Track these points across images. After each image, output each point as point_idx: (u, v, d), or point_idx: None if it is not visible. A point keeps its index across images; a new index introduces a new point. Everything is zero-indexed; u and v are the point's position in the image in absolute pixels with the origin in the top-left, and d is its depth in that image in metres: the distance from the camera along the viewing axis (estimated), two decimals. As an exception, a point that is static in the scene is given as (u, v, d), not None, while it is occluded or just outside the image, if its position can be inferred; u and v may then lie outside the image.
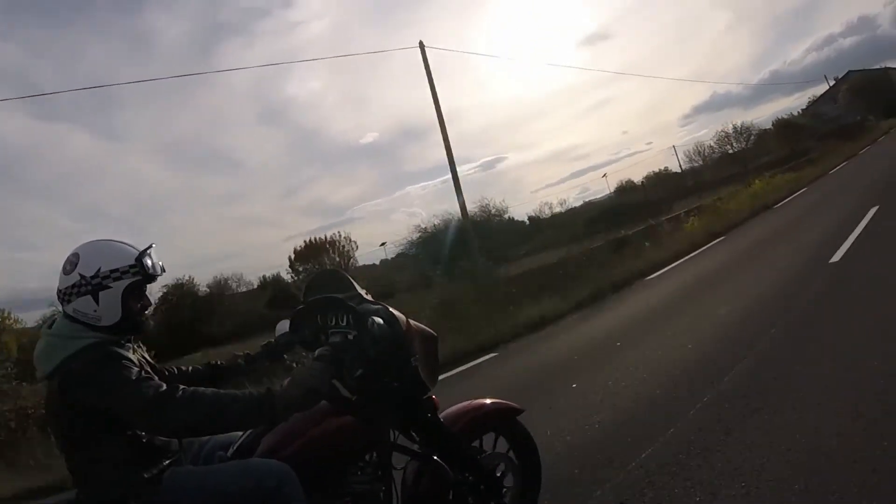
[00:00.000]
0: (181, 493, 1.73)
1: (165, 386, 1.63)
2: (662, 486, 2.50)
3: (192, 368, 2.21)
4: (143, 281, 1.81)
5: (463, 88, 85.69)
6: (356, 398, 1.99)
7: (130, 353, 1.77)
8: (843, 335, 3.81)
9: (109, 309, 1.74)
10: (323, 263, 33.73)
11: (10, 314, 26.39)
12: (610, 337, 5.86)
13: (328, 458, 1.93)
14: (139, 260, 1.79)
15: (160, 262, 1.86)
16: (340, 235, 33.39)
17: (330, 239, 33.44)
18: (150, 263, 1.81)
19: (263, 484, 1.73)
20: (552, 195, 61.45)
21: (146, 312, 1.88)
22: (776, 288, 5.71)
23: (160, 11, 66.06)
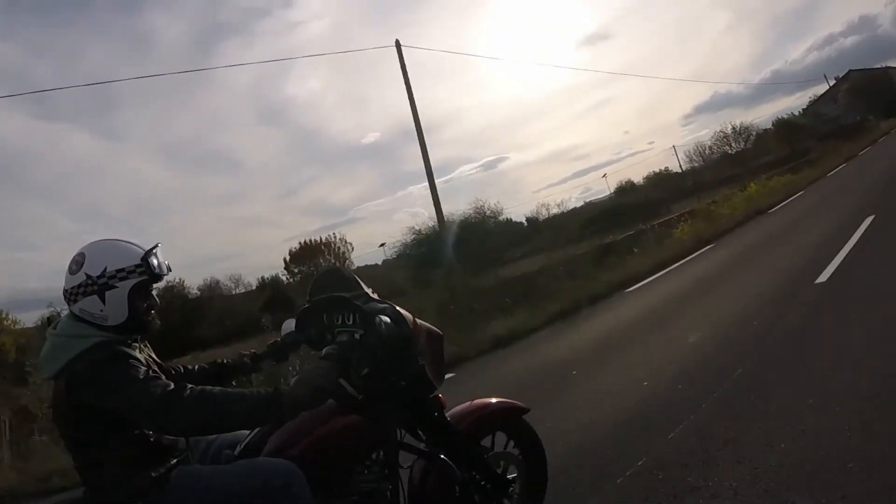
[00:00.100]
0: (189, 492, 1.71)
1: (173, 385, 1.61)
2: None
3: (197, 367, 2.20)
4: (149, 280, 1.79)
5: (464, 88, 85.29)
6: (363, 397, 1.96)
7: (137, 352, 1.75)
8: (816, 384, 3.26)
9: (116, 308, 1.73)
10: (318, 265, 33.37)
11: (7, 315, 26.14)
12: (567, 364, 5.37)
13: (335, 457, 1.92)
14: (145, 259, 1.77)
15: (166, 261, 1.84)
16: (335, 237, 32.99)
17: (325, 240, 32.97)
18: (156, 263, 1.79)
19: (271, 483, 1.71)
20: (554, 195, 61.07)
21: (153, 312, 1.85)
22: (751, 314, 5.22)
23: (160, 11, 65.85)
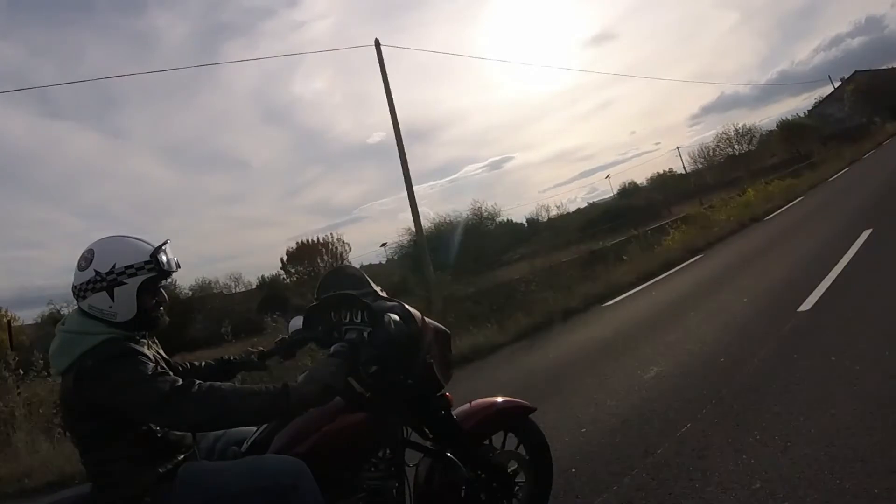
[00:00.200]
0: (196, 488, 1.69)
1: (182, 381, 1.60)
2: None
3: (204, 364, 2.19)
4: (158, 277, 1.78)
5: (470, 89, 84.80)
6: (370, 395, 1.93)
7: (145, 348, 1.74)
8: (786, 433, 2.79)
9: (124, 305, 1.72)
10: (315, 265, 32.96)
11: (7, 312, 25.99)
12: (517, 394, 4.61)
13: (342, 454, 1.89)
14: (154, 256, 1.76)
15: (175, 258, 1.83)
16: (333, 237, 32.48)
17: (323, 241, 32.54)
18: (165, 259, 1.78)
19: (279, 480, 1.70)
20: (560, 195, 60.38)
21: (161, 308, 1.84)
22: (720, 348, 4.59)
23: (165, 11, 65.74)
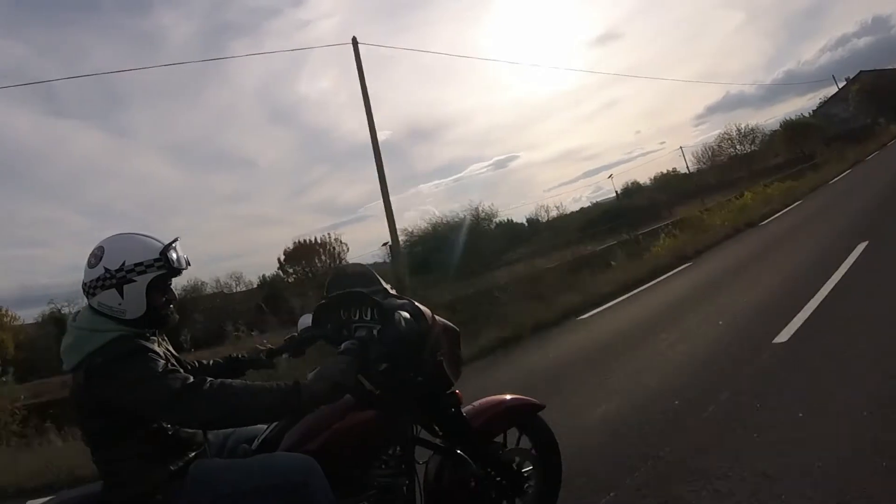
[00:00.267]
0: (207, 486, 1.68)
1: (192, 378, 1.60)
2: None
3: (212, 362, 2.17)
4: (167, 275, 1.77)
5: (474, 88, 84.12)
6: (380, 392, 1.94)
7: (156, 345, 1.74)
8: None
9: (134, 302, 1.71)
10: (313, 265, 32.66)
11: (7, 311, 25.93)
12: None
13: (352, 451, 1.89)
14: (164, 253, 1.74)
15: (185, 255, 1.81)
16: (330, 237, 32.19)
17: (321, 241, 32.23)
18: (174, 257, 1.76)
19: (290, 478, 1.69)
20: (565, 194, 59.70)
21: (171, 306, 1.83)
22: (679, 385, 3.97)
23: (170, 10, 65.56)
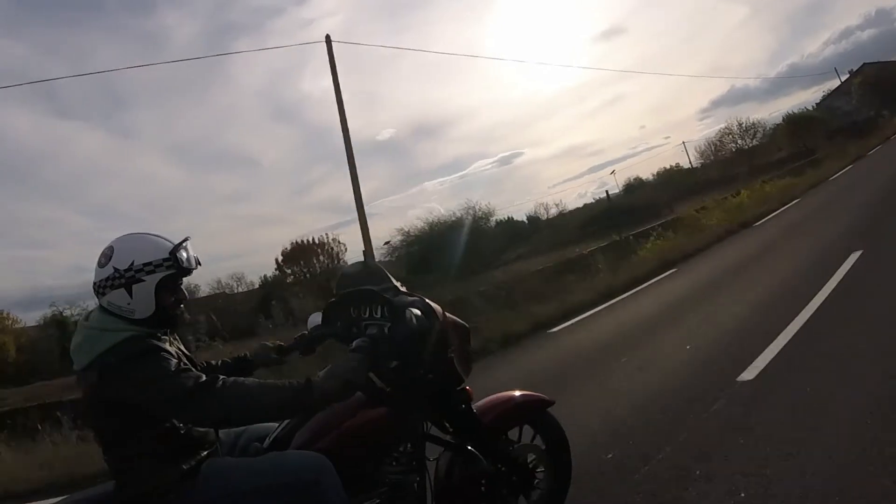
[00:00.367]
0: (219, 484, 1.69)
1: (205, 376, 1.61)
2: None
3: (220, 362, 2.16)
4: (177, 274, 1.76)
5: (479, 85, 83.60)
6: (391, 389, 1.94)
7: (167, 345, 1.72)
8: None
9: (143, 302, 1.70)
10: (311, 265, 32.34)
11: (8, 314, 25.71)
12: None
13: (363, 449, 1.89)
14: (173, 253, 1.73)
15: (195, 255, 1.80)
16: (328, 237, 31.84)
17: (318, 241, 31.89)
18: (184, 257, 1.75)
19: (302, 476, 1.70)
20: (570, 190, 59.14)
21: (182, 306, 1.82)
22: (624, 432, 3.33)
23: (173, 10, 65.33)
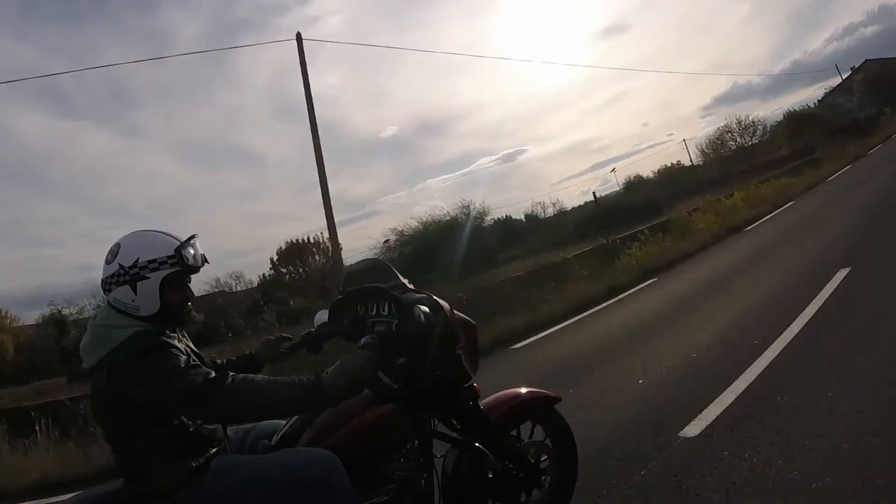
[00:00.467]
0: (229, 481, 1.69)
1: (214, 373, 1.61)
2: None
3: (226, 361, 2.14)
4: (182, 272, 1.75)
5: (482, 82, 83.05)
6: (398, 386, 1.96)
7: (176, 341, 1.72)
8: None
9: (147, 299, 1.69)
10: (307, 264, 32.04)
11: (7, 313, 25.58)
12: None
13: (371, 446, 1.89)
14: (178, 251, 1.73)
15: (202, 252, 1.79)
16: (323, 236, 31.46)
17: (313, 240, 31.57)
18: (190, 255, 1.74)
19: (311, 473, 1.70)
20: (574, 187, 58.62)
21: (189, 304, 1.81)
22: None
23: (177, 10, 65.01)
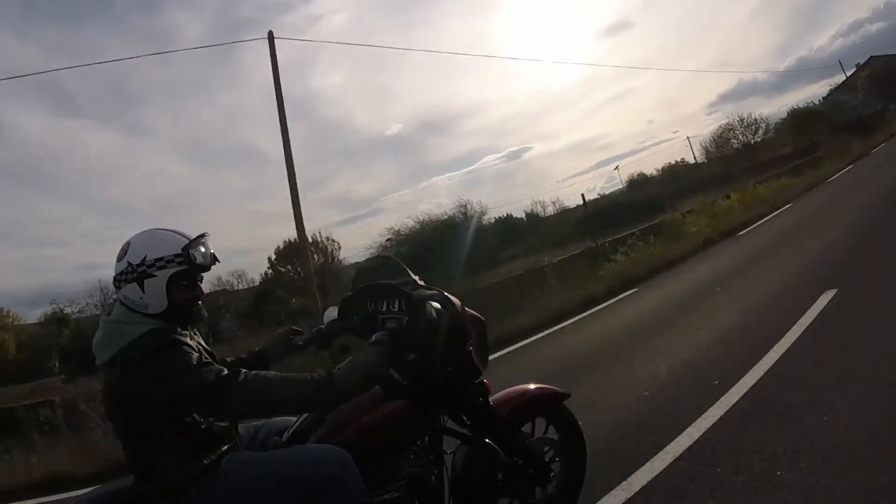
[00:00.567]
0: (240, 478, 1.69)
1: (226, 370, 1.61)
2: None
3: (236, 358, 2.13)
4: (190, 270, 1.73)
5: (488, 80, 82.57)
6: (408, 382, 1.96)
7: (188, 339, 1.72)
8: None
9: (154, 297, 1.69)
10: (306, 263, 31.70)
11: (8, 311, 25.55)
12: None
13: (382, 442, 1.90)
14: (186, 249, 1.72)
15: (212, 252, 1.78)
16: (321, 235, 31.22)
17: (312, 239, 31.31)
18: (199, 253, 1.73)
19: (322, 469, 1.71)
20: (578, 184, 58.16)
21: (199, 303, 1.80)
22: None
23: (181, 9, 64.92)
